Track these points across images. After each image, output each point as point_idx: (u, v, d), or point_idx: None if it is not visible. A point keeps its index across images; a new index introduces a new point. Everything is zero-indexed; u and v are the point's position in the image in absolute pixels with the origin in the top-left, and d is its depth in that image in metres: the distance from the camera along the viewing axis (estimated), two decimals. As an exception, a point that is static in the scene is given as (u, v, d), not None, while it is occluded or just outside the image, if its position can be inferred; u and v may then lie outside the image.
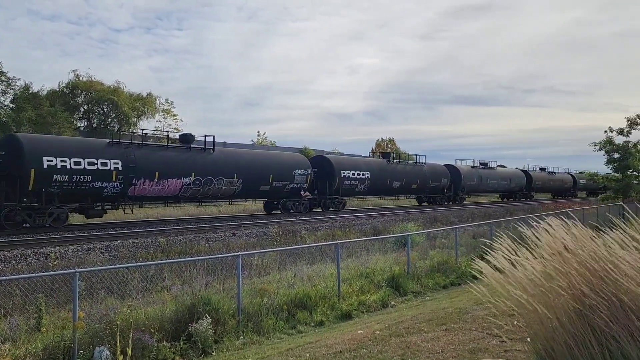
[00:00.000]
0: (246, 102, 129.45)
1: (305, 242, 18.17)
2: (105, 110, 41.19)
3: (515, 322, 5.21)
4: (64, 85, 40.20)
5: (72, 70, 43.03)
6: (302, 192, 29.87)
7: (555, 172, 64.48)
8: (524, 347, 5.09)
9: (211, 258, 10.20)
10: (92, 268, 10.22)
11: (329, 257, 12.16)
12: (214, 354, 7.33)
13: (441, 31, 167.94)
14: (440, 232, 17.37)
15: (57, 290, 8.57)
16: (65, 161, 19.74)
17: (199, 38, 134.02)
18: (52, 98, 38.37)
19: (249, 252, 12.55)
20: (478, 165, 49.85)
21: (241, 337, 7.92)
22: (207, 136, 26.08)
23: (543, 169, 63.23)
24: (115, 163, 21.20)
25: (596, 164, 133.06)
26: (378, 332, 6.67)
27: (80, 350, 6.62)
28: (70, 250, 15.23)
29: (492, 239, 4.69)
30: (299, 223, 23.47)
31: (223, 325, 7.87)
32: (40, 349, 6.50)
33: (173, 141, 26.80)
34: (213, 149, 25.75)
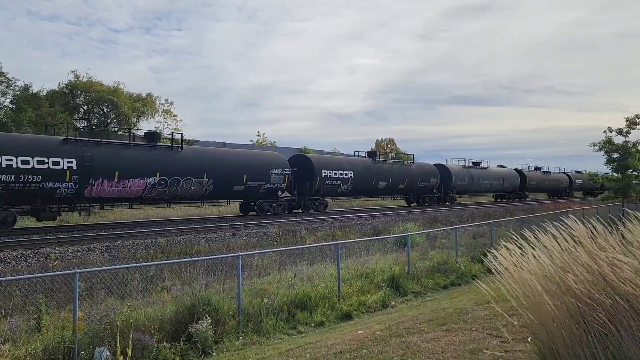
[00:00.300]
0: (246, 103, 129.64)
1: (305, 242, 18.17)
2: (105, 110, 41.14)
3: (515, 323, 5.20)
4: (63, 85, 40.13)
5: (72, 71, 43.01)
6: (280, 192, 28.34)
7: (551, 172, 63.25)
8: (525, 347, 5.09)
9: (211, 258, 10.20)
10: (92, 269, 10.21)
11: (329, 257, 12.15)
12: (214, 354, 7.33)
13: (441, 31, 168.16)
14: (440, 232, 17.36)
15: (57, 290, 8.56)
16: (11, 160, 18.39)
17: (198, 38, 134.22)
18: (51, 98, 38.28)
19: (249, 252, 12.55)
20: (470, 164, 48.37)
21: (241, 338, 7.92)
22: (174, 133, 24.86)
23: (538, 169, 62.19)
24: (69, 162, 19.73)
25: (596, 164, 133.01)
26: (378, 333, 6.66)
27: (81, 351, 6.62)
28: (70, 251, 15.22)
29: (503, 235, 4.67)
30: (299, 223, 23.48)
31: (223, 326, 7.87)
32: (40, 350, 6.49)
33: (142, 139, 24.96)
34: (181, 147, 24.40)
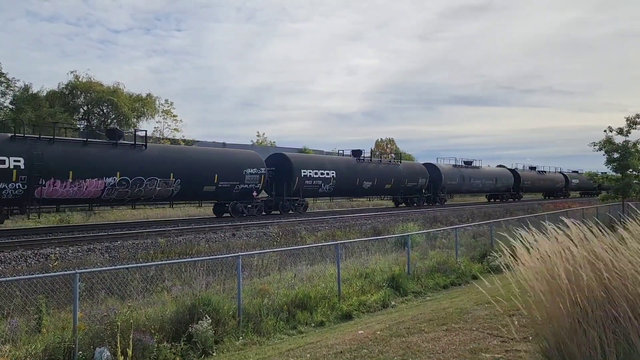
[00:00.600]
0: (245, 103, 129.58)
1: (305, 242, 18.17)
2: (105, 111, 41.17)
3: (516, 322, 5.21)
4: (63, 86, 40.15)
5: (72, 71, 42.87)
6: (255, 193, 27.30)
7: (546, 172, 61.99)
8: (526, 347, 5.09)
9: (211, 259, 10.19)
10: (92, 269, 10.20)
11: (329, 257, 12.15)
12: (214, 354, 7.33)
13: (440, 32, 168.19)
14: (440, 232, 17.36)
15: (57, 291, 8.55)
16: None
17: (198, 39, 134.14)
18: (51, 99, 38.31)
19: (249, 252, 12.54)
20: (461, 164, 47.00)
21: (241, 338, 7.92)
22: (137, 131, 23.18)
23: (533, 168, 61.18)
24: (16, 161, 18.46)
25: (596, 164, 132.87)
26: (379, 333, 6.66)
27: (81, 351, 6.62)
28: (70, 251, 15.23)
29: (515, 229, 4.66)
30: (299, 223, 23.49)
31: (223, 326, 7.87)
32: (41, 350, 6.49)
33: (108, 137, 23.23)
34: (145, 145, 22.90)
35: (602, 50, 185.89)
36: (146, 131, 23.66)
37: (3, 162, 18.30)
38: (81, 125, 33.38)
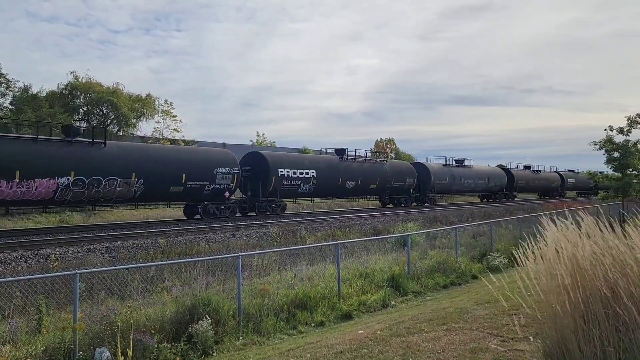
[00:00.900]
0: (245, 103, 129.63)
1: (305, 242, 18.17)
2: (105, 111, 41.15)
3: (516, 322, 5.20)
4: (63, 86, 40.14)
5: (71, 72, 42.94)
6: (227, 193, 26.12)
7: (541, 171, 60.79)
8: (526, 347, 5.09)
9: (211, 259, 10.18)
10: (92, 269, 10.21)
11: (329, 257, 12.14)
12: (214, 354, 7.33)
13: (440, 32, 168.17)
14: (440, 232, 17.36)
15: (57, 291, 8.55)
16: None
17: (197, 39, 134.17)
18: (51, 99, 38.28)
19: (249, 252, 12.54)
20: (452, 163, 45.75)
21: (241, 338, 7.92)
22: (95, 127, 21.48)
23: (527, 167, 60.12)
24: None
25: (595, 163, 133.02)
26: (379, 332, 6.66)
27: (81, 352, 6.61)
28: (70, 252, 15.23)
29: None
30: (299, 223, 23.49)
31: (223, 326, 7.87)
32: (41, 351, 6.49)
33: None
34: (104, 143, 21.55)
35: (602, 50, 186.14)
36: (105, 128, 21.84)
37: None
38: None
